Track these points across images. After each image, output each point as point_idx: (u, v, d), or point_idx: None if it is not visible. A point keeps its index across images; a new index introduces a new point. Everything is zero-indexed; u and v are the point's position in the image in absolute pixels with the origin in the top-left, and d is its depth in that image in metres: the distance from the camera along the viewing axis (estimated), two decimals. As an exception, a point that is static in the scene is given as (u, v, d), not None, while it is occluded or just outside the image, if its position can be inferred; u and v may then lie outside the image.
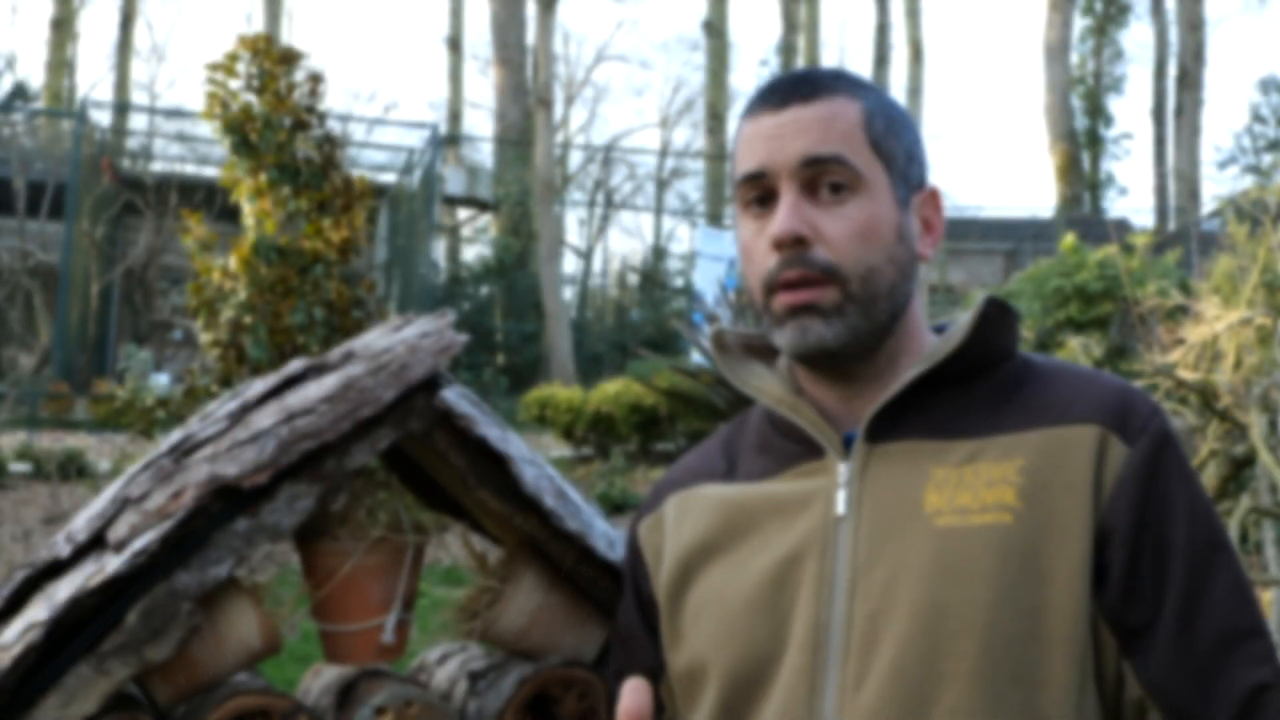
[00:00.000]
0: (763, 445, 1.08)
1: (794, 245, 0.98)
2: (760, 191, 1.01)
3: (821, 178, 0.99)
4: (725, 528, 1.04)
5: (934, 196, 1.06)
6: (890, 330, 1.02)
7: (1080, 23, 26.71)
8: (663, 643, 1.08)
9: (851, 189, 0.99)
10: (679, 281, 20.87)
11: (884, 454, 0.99)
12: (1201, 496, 0.95)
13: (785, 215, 0.98)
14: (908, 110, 1.08)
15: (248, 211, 7.64)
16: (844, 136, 0.99)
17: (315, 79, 7.82)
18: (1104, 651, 0.92)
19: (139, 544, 1.07)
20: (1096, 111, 27.05)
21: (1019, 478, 0.93)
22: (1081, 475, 0.92)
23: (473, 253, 22.05)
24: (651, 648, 1.10)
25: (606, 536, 1.34)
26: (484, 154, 23.59)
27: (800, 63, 23.63)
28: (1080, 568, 0.90)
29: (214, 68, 7.46)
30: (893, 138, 1.02)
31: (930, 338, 1.06)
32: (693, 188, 25.68)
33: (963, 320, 1.01)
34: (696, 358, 9.17)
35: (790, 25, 24.41)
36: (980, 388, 1.00)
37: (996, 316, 1.00)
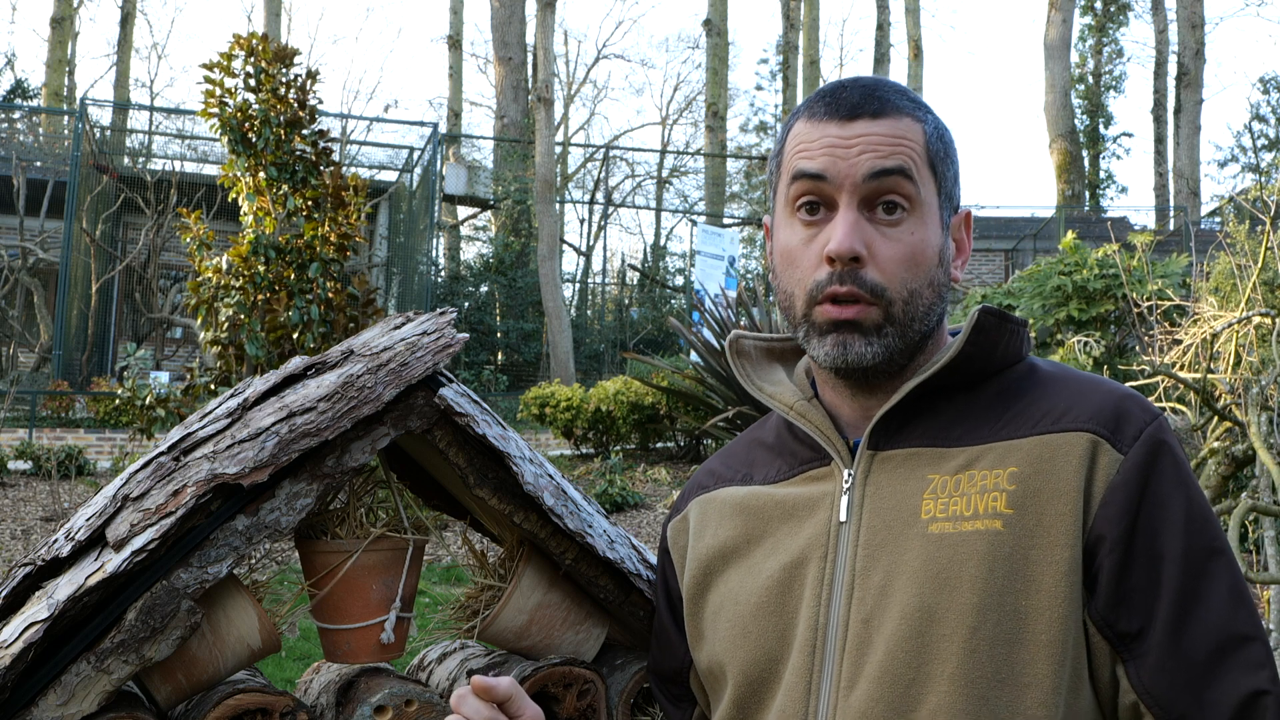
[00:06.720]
0: (779, 447, 1.12)
1: (849, 262, 0.99)
2: (814, 196, 1.02)
3: (881, 194, 1.00)
4: (741, 532, 1.07)
5: (968, 218, 1.08)
6: (921, 348, 1.04)
7: (1081, 21, 26.71)
8: (688, 640, 1.12)
9: (908, 210, 1.00)
10: (678, 280, 20.87)
11: (886, 460, 1.01)
12: (1198, 503, 0.94)
13: (846, 232, 0.99)
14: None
15: (246, 209, 7.64)
16: (909, 155, 1.01)
17: (310, 76, 7.81)
18: (1096, 655, 0.93)
19: (139, 542, 1.07)
20: (1096, 110, 27.03)
21: (1011, 485, 0.94)
22: (1070, 482, 0.93)
23: (472, 251, 22.08)
24: (680, 643, 1.15)
25: (606, 535, 1.33)
26: (484, 152, 23.60)
27: (800, 61, 23.60)
28: (1066, 573, 0.91)
29: (210, 66, 7.46)
30: (946, 161, 1.04)
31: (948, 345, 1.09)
32: (692, 186, 25.70)
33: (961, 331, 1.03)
34: (695, 357, 9.17)
35: (790, 23, 24.39)
36: (984, 394, 1.02)
37: (993, 326, 1.01)
